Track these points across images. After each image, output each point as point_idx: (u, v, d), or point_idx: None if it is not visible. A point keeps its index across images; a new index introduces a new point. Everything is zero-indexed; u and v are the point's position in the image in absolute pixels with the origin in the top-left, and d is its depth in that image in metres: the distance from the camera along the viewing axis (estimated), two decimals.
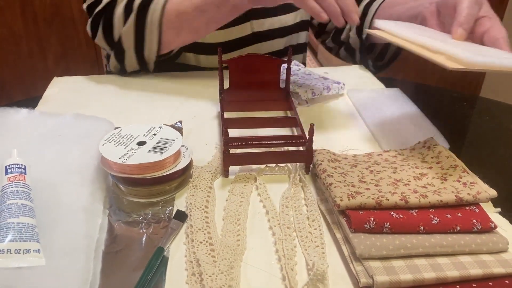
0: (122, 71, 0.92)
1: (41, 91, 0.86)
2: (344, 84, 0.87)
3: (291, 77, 0.80)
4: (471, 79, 2.45)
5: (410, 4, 0.82)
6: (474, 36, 0.66)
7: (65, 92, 0.86)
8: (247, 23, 0.95)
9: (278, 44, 1.00)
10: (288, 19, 1.00)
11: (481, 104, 0.96)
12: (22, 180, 0.51)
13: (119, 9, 0.85)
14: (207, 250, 0.50)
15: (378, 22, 0.71)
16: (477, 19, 0.66)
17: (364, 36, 0.95)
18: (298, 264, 0.49)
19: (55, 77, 0.91)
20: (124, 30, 0.84)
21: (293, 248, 0.51)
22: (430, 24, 0.72)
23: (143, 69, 0.91)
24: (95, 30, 0.89)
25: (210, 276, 0.46)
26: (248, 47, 0.97)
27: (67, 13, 1.99)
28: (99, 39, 0.89)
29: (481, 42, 0.65)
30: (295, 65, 0.94)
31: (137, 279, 0.46)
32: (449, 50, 0.58)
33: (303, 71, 0.91)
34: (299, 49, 1.07)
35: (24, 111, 0.66)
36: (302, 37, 1.06)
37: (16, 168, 0.52)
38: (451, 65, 0.56)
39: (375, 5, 0.93)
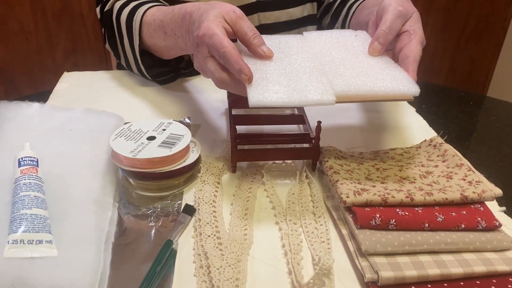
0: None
1: (50, 85, 0.87)
2: None
3: None
4: (479, 79, 2.45)
5: (370, 10, 0.80)
6: (394, 51, 0.64)
7: (75, 87, 0.87)
8: (255, 15, 0.95)
9: None
10: (295, 12, 1.00)
11: (488, 104, 0.96)
12: (34, 172, 0.52)
13: (114, 20, 0.85)
14: (215, 244, 0.51)
15: (307, 33, 0.69)
16: (399, 34, 0.64)
17: None
18: (304, 259, 0.50)
19: (65, 72, 0.92)
20: (125, 48, 0.85)
21: (299, 243, 0.52)
22: (370, 33, 0.70)
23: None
24: (104, 36, 0.90)
25: (217, 269, 0.47)
26: None
27: (76, 8, 2.00)
28: (108, 47, 0.90)
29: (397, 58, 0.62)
30: None
31: (146, 271, 0.47)
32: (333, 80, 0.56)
33: None
34: None
35: (36, 105, 0.67)
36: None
37: (29, 161, 0.53)
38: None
39: (354, 7, 0.91)
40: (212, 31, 0.56)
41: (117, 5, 0.84)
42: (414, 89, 0.54)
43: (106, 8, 0.87)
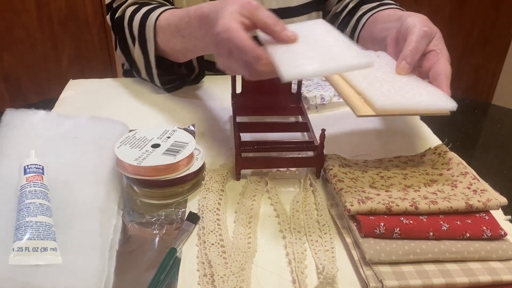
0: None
1: (55, 92, 0.87)
2: None
3: (306, 82, 0.81)
4: (483, 87, 2.44)
5: (384, 25, 0.81)
6: (421, 70, 0.65)
7: (80, 94, 0.87)
8: None
9: None
10: (300, 21, 1.00)
11: (493, 112, 0.96)
12: (40, 180, 0.52)
13: (125, 26, 0.85)
14: (219, 252, 0.51)
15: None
16: (425, 53, 0.66)
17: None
18: (308, 268, 0.50)
19: (70, 80, 0.93)
20: (135, 53, 0.84)
21: (303, 252, 0.52)
22: (389, 51, 0.71)
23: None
24: (115, 42, 0.89)
25: (221, 277, 0.47)
26: None
27: (81, 16, 2.02)
28: (119, 53, 0.90)
29: (427, 77, 0.64)
30: None
31: (150, 279, 0.47)
32: (367, 94, 0.57)
33: (319, 78, 0.91)
34: None
35: (41, 113, 0.67)
36: None
37: (34, 168, 0.53)
38: (360, 112, 0.56)
39: (364, 19, 0.92)
40: (227, 27, 0.56)
41: (129, 11, 0.84)
42: (452, 104, 0.57)
43: (117, 15, 0.87)
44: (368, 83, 0.59)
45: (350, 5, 0.98)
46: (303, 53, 0.55)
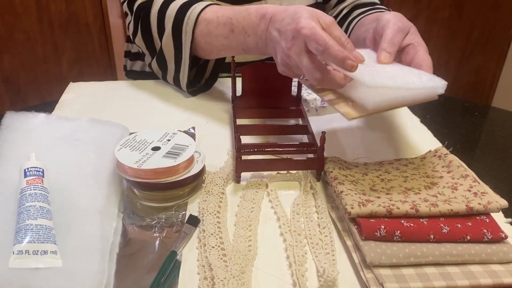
0: (164, 78, 0.91)
1: (56, 95, 0.87)
2: None
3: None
4: (483, 89, 2.45)
5: (365, 27, 0.83)
6: (402, 63, 0.66)
7: (80, 97, 0.87)
8: None
9: None
10: None
11: (493, 114, 0.96)
12: (40, 183, 0.52)
13: (154, 13, 0.83)
14: (219, 255, 0.51)
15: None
16: (403, 48, 0.67)
17: None
18: (308, 271, 0.50)
19: (71, 83, 0.93)
20: (163, 42, 0.83)
21: (303, 255, 0.51)
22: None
23: (177, 85, 0.89)
24: (135, 30, 0.88)
25: (222, 281, 0.47)
26: None
27: (81, 18, 2.02)
28: (139, 41, 0.88)
29: None
30: None
31: (150, 282, 0.47)
32: (357, 96, 0.58)
33: None
34: None
35: (42, 116, 0.67)
36: None
37: (35, 171, 0.53)
38: (350, 116, 0.57)
39: (353, 23, 0.93)
40: (312, 25, 0.58)
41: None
42: (441, 82, 0.58)
43: (139, 1, 0.86)
44: (353, 81, 0.59)
45: (344, 11, 0.99)
46: (378, 80, 0.57)
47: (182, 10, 0.80)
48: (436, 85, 0.58)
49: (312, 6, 0.97)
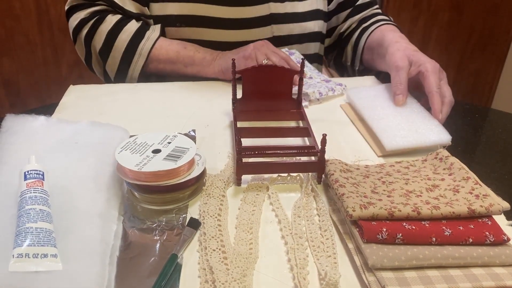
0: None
1: (55, 98, 0.87)
2: (345, 86, 0.90)
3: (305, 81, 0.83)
4: (483, 92, 2.45)
5: (376, 52, 0.96)
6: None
7: (81, 100, 0.87)
8: (268, 27, 0.97)
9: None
10: (308, 26, 1.02)
11: (494, 116, 0.96)
12: (40, 186, 0.52)
13: (104, 29, 0.92)
14: (220, 258, 0.50)
15: (350, 94, 0.84)
16: (415, 76, 0.80)
17: (356, 68, 1.06)
18: (310, 274, 0.50)
19: (71, 85, 0.92)
20: (109, 61, 0.94)
21: (305, 258, 0.51)
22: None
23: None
24: (75, 37, 0.96)
25: (223, 284, 0.47)
26: None
27: None
28: (79, 48, 0.96)
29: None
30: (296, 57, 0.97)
31: (151, 286, 0.47)
32: (381, 137, 0.72)
33: (319, 79, 0.93)
34: (314, 59, 1.09)
35: (42, 118, 0.67)
36: (316, 47, 1.08)
37: (35, 174, 0.53)
38: (379, 153, 0.72)
39: (361, 43, 1.01)
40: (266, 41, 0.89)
41: (113, 19, 0.92)
42: (447, 138, 0.71)
43: (83, 16, 0.93)
44: (378, 127, 0.74)
45: (353, 25, 1.07)
46: (398, 130, 0.72)
47: (134, 42, 0.91)
48: (441, 142, 0.70)
49: (314, 12, 1.00)
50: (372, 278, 0.48)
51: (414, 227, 0.51)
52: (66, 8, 0.96)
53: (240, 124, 0.73)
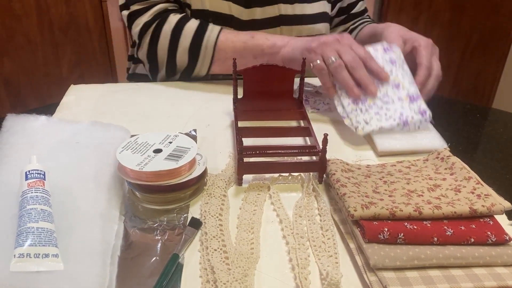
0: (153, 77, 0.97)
1: (56, 98, 0.87)
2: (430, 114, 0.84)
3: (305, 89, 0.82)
4: (484, 91, 2.45)
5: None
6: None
7: (81, 99, 0.87)
8: (277, 28, 0.98)
9: None
10: (318, 28, 1.02)
11: (495, 116, 0.96)
12: (41, 185, 0.52)
13: (166, 32, 0.89)
14: (221, 258, 0.50)
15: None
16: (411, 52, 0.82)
17: None
18: (311, 274, 0.49)
19: (71, 85, 0.92)
20: (178, 59, 0.90)
21: (306, 258, 0.51)
22: None
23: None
24: (140, 43, 0.93)
25: (224, 284, 0.47)
26: None
27: (82, 22, 2.02)
28: (143, 55, 0.94)
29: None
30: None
31: (152, 286, 0.47)
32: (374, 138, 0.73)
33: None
34: None
35: (43, 118, 0.67)
36: None
37: (36, 174, 0.53)
38: (379, 153, 0.72)
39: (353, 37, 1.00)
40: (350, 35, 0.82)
41: (174, 18, 0.89)
42: (442, 145, 0.71)
43: (147, 19, 0.90)
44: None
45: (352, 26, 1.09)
46: (395, 135, 0.73)
47: (198, 36, 0.88)
48: (435, 148, 0.69)
49: (322, 14, 1.01)
50: (374, 278, 0.47)
51: (415, 227, 0.51)
52: (125, 13, 0.93)
53: (241, 124, 0.73)
